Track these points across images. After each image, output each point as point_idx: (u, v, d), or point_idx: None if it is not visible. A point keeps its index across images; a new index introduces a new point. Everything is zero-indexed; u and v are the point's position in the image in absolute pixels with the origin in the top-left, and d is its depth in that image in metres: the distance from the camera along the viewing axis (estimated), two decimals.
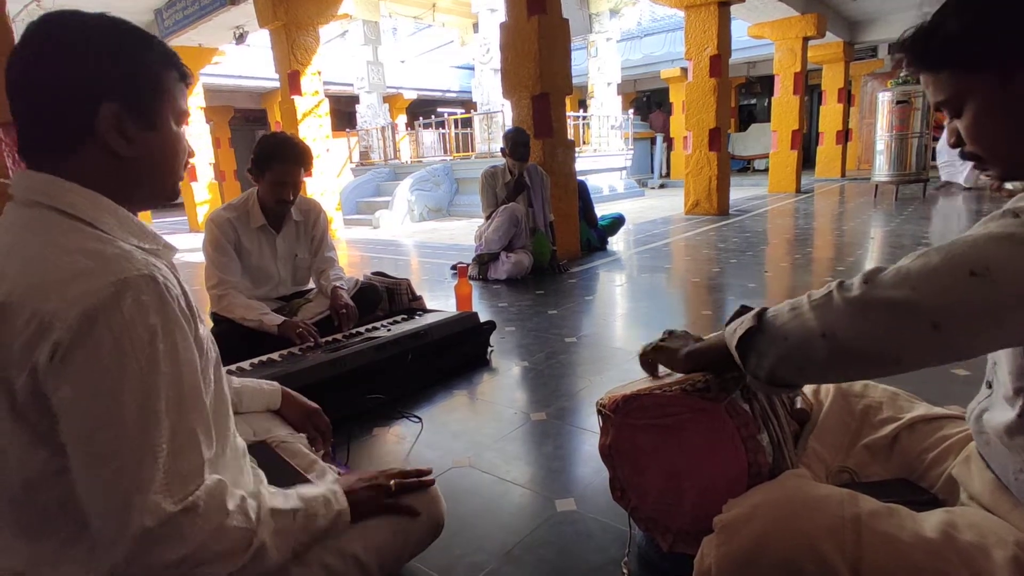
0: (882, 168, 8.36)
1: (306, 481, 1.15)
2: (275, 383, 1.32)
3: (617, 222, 5.68)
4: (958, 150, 0.80)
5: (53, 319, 0.63)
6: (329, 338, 2.16)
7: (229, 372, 1.71)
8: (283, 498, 0.83)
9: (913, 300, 0.64)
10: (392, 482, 1.02)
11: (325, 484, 0.93)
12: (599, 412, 1.11)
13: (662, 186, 13.78)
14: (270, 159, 2.17)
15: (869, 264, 4.17)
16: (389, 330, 2.25)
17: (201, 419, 0.72)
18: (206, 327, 0.82)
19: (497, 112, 9.96)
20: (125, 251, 0.69)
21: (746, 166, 16.82)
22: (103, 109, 0.71)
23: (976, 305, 0.61)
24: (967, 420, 0.88)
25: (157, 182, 0.80)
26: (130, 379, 0.65)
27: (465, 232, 6.95)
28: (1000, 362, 0.77)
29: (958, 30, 0.73)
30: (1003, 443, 0.77)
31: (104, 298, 0.64)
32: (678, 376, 1.03)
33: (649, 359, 1.07)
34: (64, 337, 0.63)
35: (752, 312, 0.82)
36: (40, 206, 0.71)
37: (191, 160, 0.85)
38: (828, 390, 1.18)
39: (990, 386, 0.83)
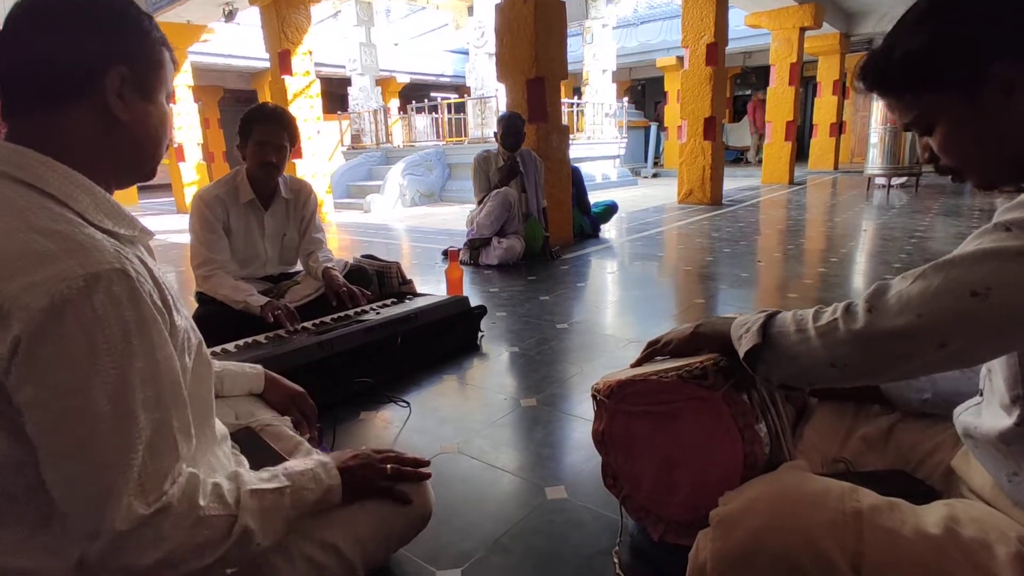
0: (875, 161, 8.38)
1: None
2: (258, 366, 1.28)
3: (610, 209, 5.65)
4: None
5: (13, 306, 0.59)
6: (317, 320, 2.13)
7: (213, 354, 1.67)
8: (268, 477, 0.81)
9: (918, 326, 0.65)
10: (388, 466, 0.99)
11: (316, 458, 0.90)
12: (593, 397, 1.08)
13: (655, 175, 13.75)
14: (251, 123, 2.17)
15: (860, 257, 4.18)
16: (378, 313, 2.21)
17: (180, 416, 0.70)
18: (185, 315, 0.79)
19: (491, 97, 9.87)
20: (95, 240, 0.65)
21: (739, 157, 16.82)
22: (113, 70, 0.71)
23: (980, 323, 0.62)
24: (954, 421, 0.86)
25: (141, 155, 0.78)
26: (102, 375, 0.62)
27: (457, 217, 6.89)
28: (995, 369, 0.76)
29: (916, 51, 0.73)
30: (997, 449, 0.76)
31: (72, 291, 0.60)
32: (675, 363, 1.01)
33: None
34: (26, 331, 0.59)
35: (758, 322, 0.83)
36: (9, 178, 0.67)
37: (171, 145, 0.83)
38: None
39: (982, 393, 0.82)
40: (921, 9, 0.74)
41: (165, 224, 7.46)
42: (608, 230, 5.67)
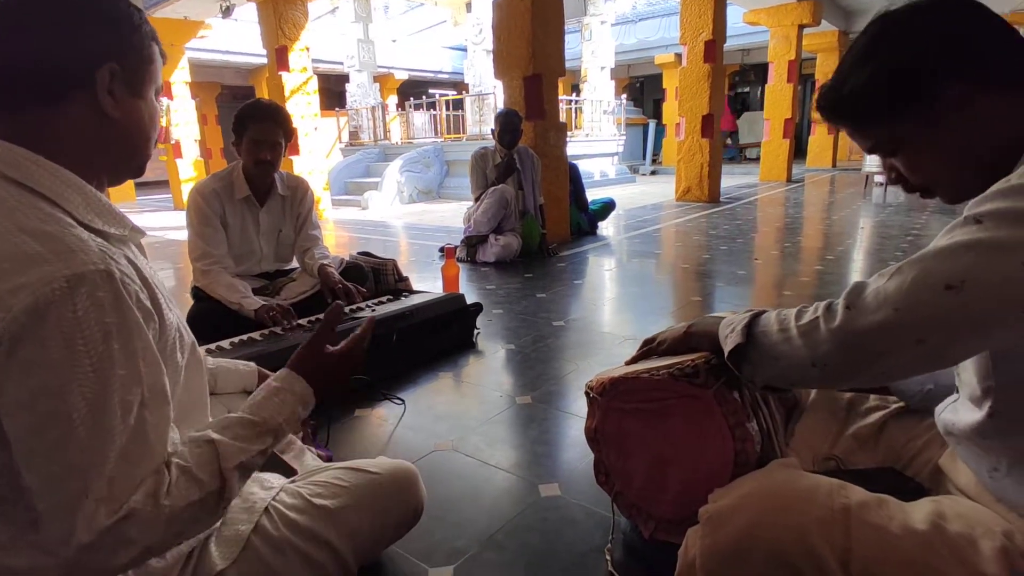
0: (873, 159, 8.36)
1: (284, 464, 1.12)
2: (251, 364, 1.28)
3: (607, 207, 5.65)
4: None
5: None
6: (312, 318, 2.12)
7: (208, 351, 1.67)
8: (251, 436, 0.76)
9: (895, 321, 0.65)
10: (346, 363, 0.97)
11: (298, 392, 0.85)
12: (587, 394, 1.09)
13: (654, 172, 13.75)
14: (246, 120, 2.16)
15: (857, 255, 4.18)
16: (374, 310, 2.21)
17: (160, 424, 0.68)
18: (177, 315, 0.78)
19: (489, 94, 9.85)
20: (82, 241, 0.64)
21: (739, 154, 16.81)
22: (105, 67, 0.71)
23: (956, 317, 0.62)
24: (935, 419, 0.86)
25: (131, 151, 0.78)
26: (80, 378, 0.61)
27: (455, 214, 6.88)
28: (964, 364, 0.77)
29: (865, 85, 0.74)
30: (976, 444, 0.76)
31: (55, 293, 0.60)
32: (669, 361, 1.01)
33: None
34: (8, 332, 0.59)
35: (743, 322, 0.83)
36: (1, 177, 0.67)
37: (168, 141, 0.83)
38: None
39: (959, 391, 0.82)
40: (864, 43, 0.75)
41: (162, 221, 7.44)
42: (606, 227, 5.67)
